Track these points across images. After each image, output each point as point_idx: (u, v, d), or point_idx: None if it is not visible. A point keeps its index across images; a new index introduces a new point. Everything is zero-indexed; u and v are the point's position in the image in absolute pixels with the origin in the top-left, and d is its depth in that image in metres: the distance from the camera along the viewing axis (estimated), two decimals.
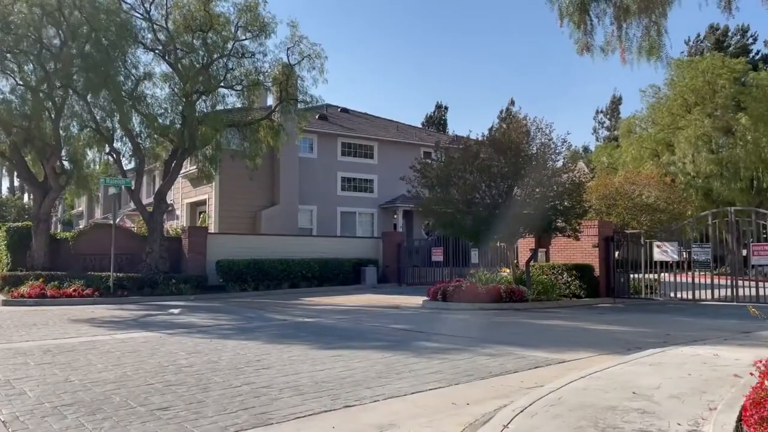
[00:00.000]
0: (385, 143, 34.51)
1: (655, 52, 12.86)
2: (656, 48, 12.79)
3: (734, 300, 16.29)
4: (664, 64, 13.34)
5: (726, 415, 4.57)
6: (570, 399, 5.37)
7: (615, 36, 12.64)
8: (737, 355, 7.22)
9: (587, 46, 12.38)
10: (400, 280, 26.82)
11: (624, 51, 12.81)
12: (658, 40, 12.73)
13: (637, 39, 12.69)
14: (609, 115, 68.09)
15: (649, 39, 12.70)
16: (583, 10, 12.39)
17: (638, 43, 12.75)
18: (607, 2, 12.45)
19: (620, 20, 12.55)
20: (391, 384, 6.44)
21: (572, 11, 12.15)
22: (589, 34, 12.74)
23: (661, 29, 12.72)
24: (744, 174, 33.79)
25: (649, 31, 12.70)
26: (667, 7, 12.58)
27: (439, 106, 70.43)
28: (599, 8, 12.51)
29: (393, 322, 12.91)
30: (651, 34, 12.71)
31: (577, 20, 12.24)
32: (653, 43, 12.71)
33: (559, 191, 17.46)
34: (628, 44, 12.75)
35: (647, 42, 12.71)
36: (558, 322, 12.96)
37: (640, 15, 12.41)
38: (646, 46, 12.76)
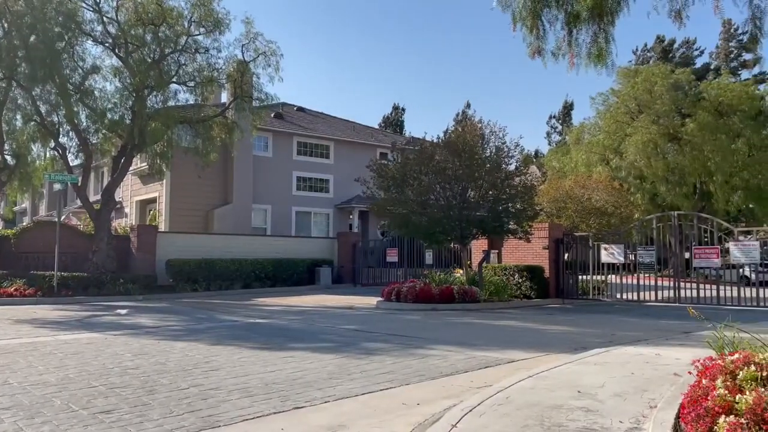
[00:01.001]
0: (342, 143, 34.44)
1: (603, 59, 13.17)
2: (604, 55, 13.10)
3: (677, 301, 16.90)
4: (611, 71, 13.68)
5: (665, 412, 4.72)
6: (517, 398, 5.46)
7: (565, 41, 12.90)
8: (677, 354, 7.48)
9: (539, 50, 12.58)
10: (355, 281, 26.82)
11: (573, 56, 13.09)
12: (606, 47, 13.05)
13: (586, 45, 12.98)
14: (561, 121, 69.72)
15: (597, 46, 13.01)
16: (535, 15, 12.59)
17: (587, 49, 13.04)
18: (559, 8, 12.68)
19: (571, 26, 12.82)
20: (342, 385, 6.43)
21: (525, 16, 12.34)
22: (541, 39, 12.94)
23: (608, 37, 13.05)
24: (689, 180, 35.06)
25: (597, 37, 13.01)
26: (615, 15, 12.92)
27: (396, 107, 70.75)
28: (551, 14, 12.74)
29: (346, 322, 12.88)
30: (599, 41, 13.02)
31: (529, 25, 12.43)
32: (601, 50, 13.02)
33: (511, 194, 17.78)
34: (577, 50, 13.03)
35: (595, 48, 13.02)
36: (508, 322, 13.17)
37: (590, 22, 12.70)
38: (594, 52, 13.07)
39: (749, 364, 4.95)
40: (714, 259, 16.70)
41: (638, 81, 35.70)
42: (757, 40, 11.76)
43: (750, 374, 4.78)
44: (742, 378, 4.75)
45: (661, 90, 34.64)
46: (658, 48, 56.28)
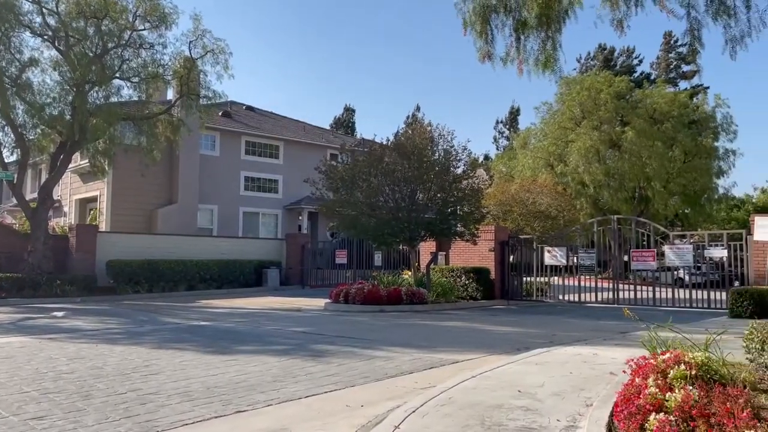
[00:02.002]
0: (291, 143, 34.14)
1: (550, 65, 13.51)
2: (551, 61, 13.44)
3: (615, 302, 17.47)
4: (557, 77, 14.03)
5: (600, 411, 4.87)
6: (460, 398, 5.53)
7: (514, 47, 13.16)
8: (614, 354, 7.73)
9: (488, 54, 12.80)
10: (304, 283, 26.63)
11: (522, 62, 13.36)
12: (553, 54, 13.38)
13: (534, 51, 13.27)
14: (508, 126, 71.08)
15: (545, 52, 13.32)
16: (484, 20, 12.79)
17: (535, 55, 13.33)
18: (507, 14, 12.92)
19: (519, 33, 13.08)
20: (286, 388, 6.37)
21: (474, 20, 12.54)
22: (490, 44, 13.16)
23: (556, 44, 13.40)
24: (628, 185, 36.40)
25: (545, 44, 13.32)
26: (562, 23, 13.27)
27: (348, 108, 70.73)
28: (499, 19, 12.97)
29: (293, 324, 12.77)
30: (547, 47, 13.35)
31: (479, 30, 12.62)
32: (549, 57, 13.35)
33: (459, 197, 18.02)
34: (525, 56, 13.31)
35: (543, 55, 13.33)
36: (455, 323, 13.34)
37: (538, 29, 12.99)
38: (542, 59, 13.37)
39: (679, 363, 5.16)
40: (651, 261, 17.36)
41: (582, 88, 36.83)
42: (696, 51, 12.26)
43: (680, 373, 4.99)
44: (673, 376, 4.95)
45: (606, 98, 35.83)
46: (601, 56, 58.18)
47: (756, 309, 13.21)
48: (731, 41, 8.20)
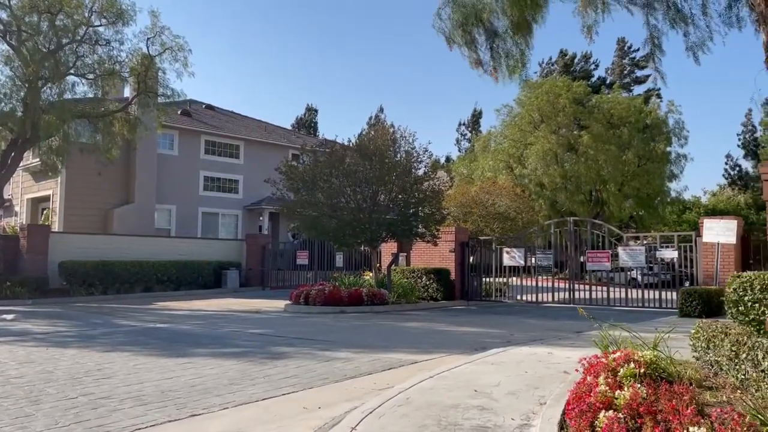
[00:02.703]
0: (252, 143, 33.79)
1: (518, 71, 13.69)
2: (519, 67, 13.61)
3: (571, 302, 17.83)
4: (522, 80, 14.23)
5: (553, 409, 4.98)
6: (417, 398, 5.58)
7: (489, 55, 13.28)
8: (568, 353, 7.90)
9: (479, 61, 12.87)
10: (264, 284, 26.38)
11: (496, 70, 13.50)
12: (521, 59, 13.56)
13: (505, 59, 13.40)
14: (471, 128, 71.81)
15: (516, 59, 13.49)
16: (465, 31, 12.87)
17: (506, 62, 13.46)
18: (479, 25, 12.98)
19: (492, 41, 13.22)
20: (243, 390, 6.31)
21: (453, 33, 12.62)
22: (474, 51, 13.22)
23: (525, 49, 13.60)
24: (585, 188, 37.23)
25: (515, 50, 13.49)
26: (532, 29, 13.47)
27: (310, 108, 70.26)
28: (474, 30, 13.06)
29: (252, 326, 12.65)
30: (516, 54, 13.53)
31: (461, 40, 12.71)
32: (516, 63, 13.52)
33: (420, 198, 18.13)
34: (498, 62, 13.45)
35: (513, 61, 13.49)
36: (415, 323, 13.42)
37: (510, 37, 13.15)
38: (511, 65, 13.53)
39: (629, 361, 5.32)
40: (605, 262, 17.79)
41: (541, 92, 37.51)
42: (657, 58, 12.60)
43: (629, 371, 5.14)
44: (623, 375, 5.10)
45: (564, 102, 36.58)
46: (561, 62, 59.35)
47: (704, 308, 13.66)
48: (692, 47, 8.50)
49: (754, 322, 7.67)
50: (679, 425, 3.73)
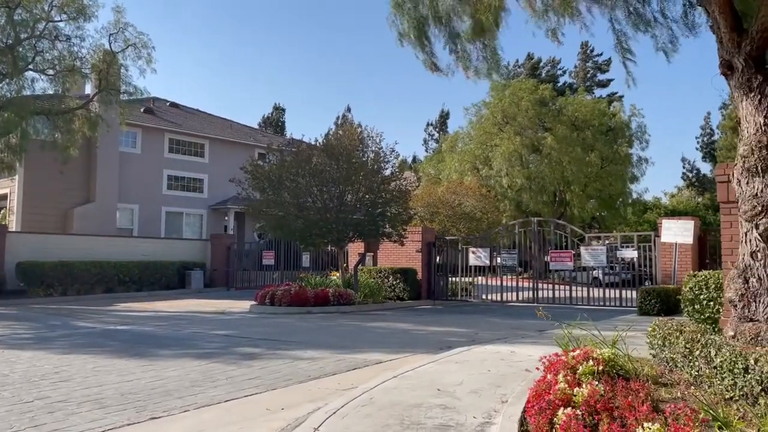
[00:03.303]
0: (218, 142, 33.38)
1: (492, 70, 13.77)
2: (493, 67, 13.69)
3: (535, 301, 18.10)
4: (494, 80, 14.34)
5: (514, 407, 5.05)
6: (381, 398, 5.59)
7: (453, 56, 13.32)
8: (530, 351, 8.01)
9: (435, 65, 12.89)
10: (229, 285, 26.11)
11: (466, 69, 13.55)
12: (493, 60, 13.65)
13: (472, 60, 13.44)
14: (438, 128, 72.27)
15: (486, 59, 13.56)
16: (421, 31, 12.86)
17: (475, 62, 13.51)
18: (439, 26, 13.02)
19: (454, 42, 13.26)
20: (205, 392, 6.24)
21: (408, 32, 12.61)
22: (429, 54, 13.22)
23: (494, 51, 13.70)
24: (549, 188, 37.83)
25: (483, 52, 13.56)
26: (496, 32, 13.56)
27: (277, 107, 69.75)
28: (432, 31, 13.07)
29: (216, 327, 12.50)
30: (486, 54, 13.60)
31: (415, 41, 12.70)
32: (490, 64, 13.59)
33: (387, 198, 18.16)
34: (466, 64, 13.50)
35: (481, 63, 13.56)
36: (380, 323, 13.44)
37: (472, 39, 13.21)
38: (480, 66, 13.59)
39: (588, 359, 5.43)
40: (568, 262, 18.10)
41: (506, 95, 37.98)
42: (624, 63, 12.83)
43: (588, 369, 5.25)
44: (581, 372, 5.20)
45: (527, 104, 37.12)
46: (528, 65, 60.18)
47: (662, 307, 14.02)
48: (662, 48, 8.72)
49: (710, 320, 7.93)
50: (635, 421, 3.82)
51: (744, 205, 5.91)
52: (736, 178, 6.08)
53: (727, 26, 6.28)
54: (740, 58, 6.19)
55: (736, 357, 4.63)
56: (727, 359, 4.72)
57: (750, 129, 5.99)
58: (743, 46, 6.17)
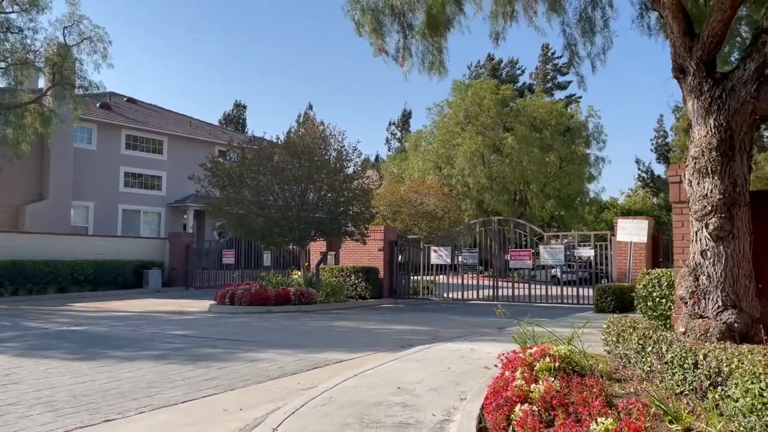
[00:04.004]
0: (177, 138, 32.77)
1: (436, 68, 13.85)
2: (437, 65, 13.77)
3: (495, 299, 18.34)
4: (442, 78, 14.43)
5: (473, 404, 5.10)
6: (340, 397, 5.58)
7: (402, 48, 13.35)
8: (489, 349, 8.11)
9: (382, 48, 12.87)
10: (188, 284, 25.67)
11: (404, 59, 13.59)
12: (439, 58, 13.73)
13: (419, 55, 13.50)
14: (400, 128, 72.48)
15: (431, 56, 13.63)
16: (376, 21, 12.85)
17: (422, 59, 13.58)
18: (394, 17, 13.03)
19: (406, 35, 13.30)
20: (161, 394, 6.12)
21: (364, 20, 12.59)
22: (382, 38, 13.21)
23: (442, 48, 13.78)
24: (510, 188, 38.36)
25: (431, 48, 13.63)
26: (448, 29, 13.65)
27: (238, 104, 68.81)
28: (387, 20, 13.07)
29: (174, 328, 12.27)
30: (433, 51, 13.68)
31: (370, 27, 12.69)
32: (434, 60, 13.67)
33: (349, 197, 18.12)
34: (416, 59, 13.55)
35: (429, 59, 13.63)
36: (342, 322, 13.41)
37: (424, 33, 13.27)
38: (428, 63, 13.67)
39: (545, 356, 5.52)
40: (527, 260, 18.39)
41: (468, 95, 38.36)
42: (573, 64, 13.06)
43: (545, 365, 5.33)
44: (539, 369, 5.28)
45: (489, 104, 37.56)
46: (489, 65, 60.86)
47: (618, 304, 14.37)
48: (595, 57, 8.90)
49: (662, 317, 8.15)
50: (588, 416, 3.90)
51: (695, 205, 6.09)
52: (687, 178, 6.26)
53: (680, 31, 6.46)
54: (692, 62, 6.37)
55: (686, 353, 4.77)
56: (678, 355, 4.86)
57: (701, 131, 6.18)
58: (695, 51, 6.36)
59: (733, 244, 5.85)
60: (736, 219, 5.87)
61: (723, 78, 6.27)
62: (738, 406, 3.79)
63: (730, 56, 10.21)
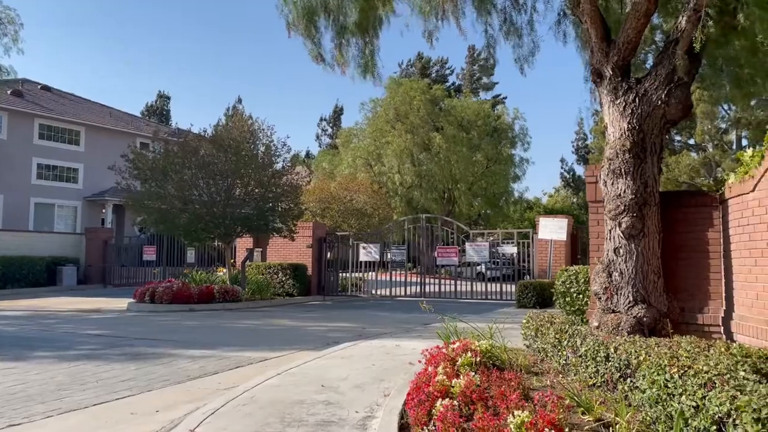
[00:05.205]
0: (96, 129, 31.26)
1: (370, 70, 13.86)
2: (371, 66, 13.78)
3: (422, 296, 18.57)
4: (377, 81, 14.49)
5: (395, 400, 5.11)
6: (263, 397, 5.47)
7: (337, 50, 13.29)
8: (414, 345, 8.18)
9: (320, 56, 12.77)
10: (106, 282, 24.61)
11: (345, 65, 13.55)
12: (371, 59, 13.74)
13: (355, 56, 13.48)
14: (332, 124, 72.15)
15: (364, 57, 13.63)
16: (310, 21, 12.72)
17: (356, 60, 13.56)
18: (328, 18, 12.98)
19: (340, 36, 13.25)
20: (72, 396, 5.80)
21: (299, 22, 12.44)
22: (318, 45, 13.11)
23: (374, 49, 13.80)
24: (438, 186, 38.97)
25: (365, 50, 13.64)
26: (378, 29, 13.69)
27: (162, 95, 66.49)
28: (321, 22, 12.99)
29: (89, 327, 11.71)
30: (366, 53, 13.69)
31: (304, 32, 12.55)
32: (367, 62, 13.68)
33: (278, 193, 17.85)
34: (347, 60, 13.51)
35: (363, 60, 13.63)
36: (268, 320, 13.20)
37: (357, 34, 13.25)
38: (362, 63, 13.66)
39: (467, 351, 5.62)
40: (454, 257, 18.73)
41: (399, 93, 38.66)
42: (494, 65, 13.39)
43: (467, 360, 5.43)
44: (461, 364, 5.37)
45: (418, 104, 37.99)
46: (419, 64, 61.52)
47: (538, 300, 14.87)
48: (520, 59, 9.14)
49: (579, 312, 8.48)
50: (506, 409, 3.99)
51: (609, 204, 6.36)
52: (602, 179, 6.53)
53: (598, 36, 6.72)
54: (608, 67, 6.65)
55: (598, 346, 4.97)
56: (591, 348, 5.06)
57: (615, 134, 6.46)
58: (611, 56, 6.63)
59: (643, 242, 6.15)
60: (647, 218, 6.18)
61: (637, 83, 6.57)
62: (645, 397, 3.98)
63: (645, 63, 10.74)
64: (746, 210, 5.73)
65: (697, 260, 6.48)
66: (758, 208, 5.50)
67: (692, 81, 6.66)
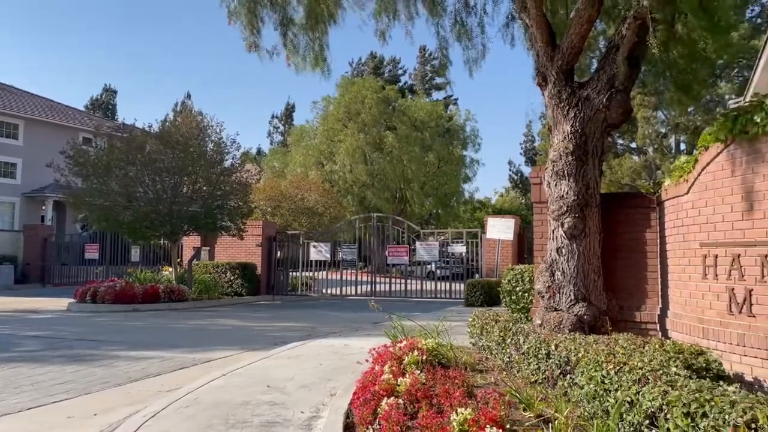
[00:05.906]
0: (35, 123, 30.01)
1: (320, 65, 13.76)
2: (320, 60, 13.69)
3: (373, 295, 18.61)
4: (327, 76, 14.40)
5: (342, 399, 5.11)
6: (206, 398, 5.38)
7: (281, 42, 13.13)
8: (363, 344, 8.18)
9: (255, 45, 12.58)
10: (45, 281, 23.72)
11: (289, 57, 13.40)
12: (321, 54, 13.64)
13: (302, 49, 13.36)
14: (283, 121, 71.40)
15: (313, 51, 13.52)
16: (252, 12, 12.53)
17: (303, 52, 13.44)
18: (273, 9, 12.81)
19: (285, 28, 13.10)
20: (5, 400, 5.57)
21: (240, 11, 12.23)
22: (256, 35, 12.93)
23: (323, 44, 13.72)
24: (391, 185, 39.09)
25: (313, 43, 13.53)
26: (328, 24, 13.62)
27: (108, 89, 64.36)
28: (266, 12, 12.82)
29: (26, 328, 11.25)
30: (315, 47, 13.58)
31: (245, 21, 12.36)
32: (317, 56, 13.58)
33: (226, 190, 17.55)
34: (293, 52, 13.37)
35: (311, 54, 13.52)
36: (215, 320, 12.97)
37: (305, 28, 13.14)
38: (310, 57, 13.55)
39: (414, 349, 5.65)
40: (404, 256, 18.84)
41: (351, 91, 38.61)
42: (446, 66, 13.49)
43: (413, 359, 5.46)
44: (407, 362, 5.40)
45: (370, 103, 38.02)
46: (371, 63, 61.54)
47: (486, 298, 15.11)
48: (469, 62, 9.25)
49: (524, 310, 8.65)
50: (450, 407, 4.03)
51: (552, 205, 6.51)
52: (546, 180, 6.68)
53: (543, 41, 6.87)
54: (553, 71, 6.80)
55: (540, 344, 5.08)
56: (533, 346, 5.17)
57: (559, 137, 6.62)
58: (556, 60, 6.79)
59: (585, 242, 6.33)
60: (588, 219, 6.36)
61: (580, 87, 6.75)
62: (583, 392, 4.10)
63: (590, 68, 11.04)
64: (681, 211, 5.97)
65: (636, 260, 6.71)
66: (692, 210, 5.73)
67: (632, 86, 6.89)
